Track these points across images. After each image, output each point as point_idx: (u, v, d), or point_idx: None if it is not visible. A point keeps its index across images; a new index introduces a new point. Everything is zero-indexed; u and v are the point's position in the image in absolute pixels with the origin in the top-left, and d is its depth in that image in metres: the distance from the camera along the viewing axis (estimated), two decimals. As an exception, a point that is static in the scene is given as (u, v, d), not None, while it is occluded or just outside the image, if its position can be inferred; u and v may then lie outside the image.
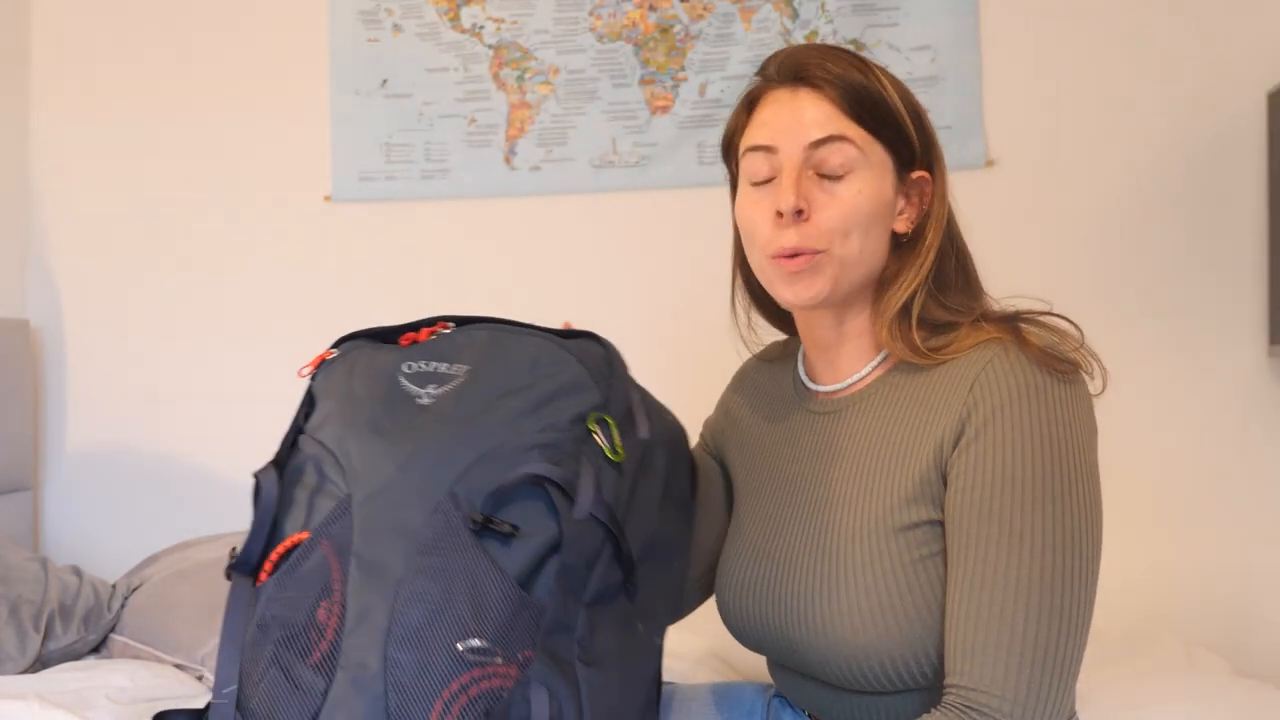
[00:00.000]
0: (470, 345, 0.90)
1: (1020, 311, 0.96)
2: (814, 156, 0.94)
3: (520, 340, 0.90)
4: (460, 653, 0.76)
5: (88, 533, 2.27)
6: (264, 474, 0.88)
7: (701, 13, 2.10)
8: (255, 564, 0.85)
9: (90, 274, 2.29)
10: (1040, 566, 0.84)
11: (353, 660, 0.77)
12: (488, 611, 0.77)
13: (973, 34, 2.02)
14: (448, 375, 0.88)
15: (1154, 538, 1.89)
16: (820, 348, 1.04)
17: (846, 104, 0.94)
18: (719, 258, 2.09)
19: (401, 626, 0.77)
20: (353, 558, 0.80)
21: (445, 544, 0.79)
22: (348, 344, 0.98)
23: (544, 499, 0.81)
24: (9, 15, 2.27)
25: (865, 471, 0.96)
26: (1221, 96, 1.94)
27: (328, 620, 0.79)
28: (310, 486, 0.87)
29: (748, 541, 1.05)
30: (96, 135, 2.29)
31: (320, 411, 0.91)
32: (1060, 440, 0.87)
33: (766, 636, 1.01)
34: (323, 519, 0.83)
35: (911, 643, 0.89)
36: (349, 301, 2.20)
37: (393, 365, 0.90)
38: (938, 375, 0.94)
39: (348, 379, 0.91)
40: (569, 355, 0.89)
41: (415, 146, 2.18)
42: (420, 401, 0.87)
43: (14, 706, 1.28)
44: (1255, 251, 1.93)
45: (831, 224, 0.94)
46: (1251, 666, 1.69)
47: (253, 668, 0.80)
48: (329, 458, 0.87)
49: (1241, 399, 1.92)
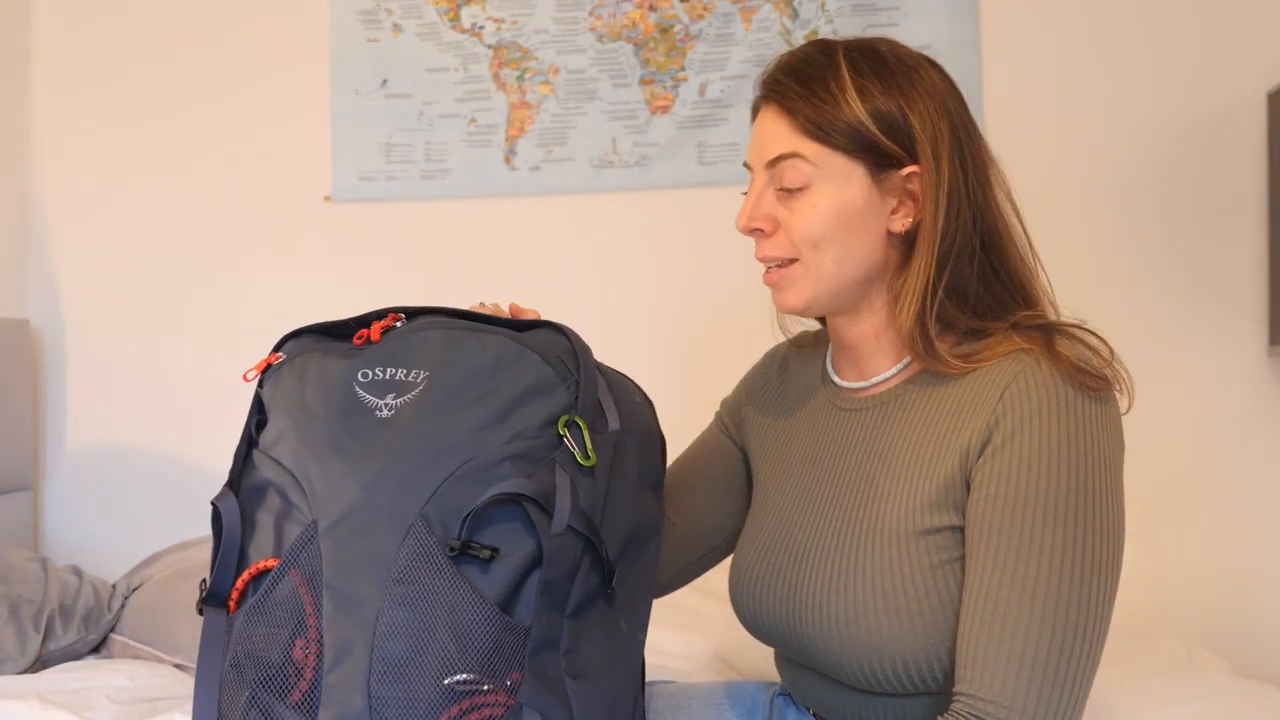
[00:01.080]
0: (426, 348, 0.86)
1: (1052, 323, 0.95)
2: (773, 174, 0.97)
3: (479, 339, 0.86)
4: (446, 686, 0.74)
5: (88, 533, 2.27)
6: (222, 500, 0.85)
7: (701, 13, 2.10)
8: (227, 595, 0.82)
9: (90, 274, 2.29)
10: (1058, 581, 0.84)
11: (335, 699, 0.75)
12: (471, 641, 0.75)
13: (973, 34, 2.02)
14: (406, 383, 0.84)
15: (1154, 538, 1.89)
16: (842, 346, 1.04)
17: (797, 120, 0.95)
18: (719, 257, 2.10)
19: (383, 661, 0.75)
20: (325, 589, 0.77)
21: (421, 571, 0.76)
22: (292, 345, 0.92)
23: (519, 516, 0.78)
24: (9, 16, 2.27)
25: (890, 473, 0.95)
26: (1221, 96, 1.94)
27: (305, 658, 0.77)
28: (275, 510, 0.83)
29: (767, 531, 1.05)
30: (97, 135, 2.29)
31: (274, 426, 0.87)
32: (1087, 456, 0.86)
33: (778, 629, 1.01)
34: (290, 547, 0.80)
35: (926, 646, 0.89)
36: (349, 301, 2.20)
37: (347, 374, 0.85)
38: (967, 382, 0.93)
39: (299, 389, 0.86)
40: (531, 353, 0.85)
41: (415, 146, 2.18)
42: (380, 414, 0.82)
43: (14, 706, 1.28)
44: (1255, 251, 1.93)
45: (794, 237, 0.96)
46: (1251, 666, 1.69)
47: (231, 709, 0.78)
48: (289, 479, 0.83)
49: (1241, 399, 1.92)
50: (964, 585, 0.88)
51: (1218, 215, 1.94)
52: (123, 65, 2.28)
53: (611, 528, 0.84)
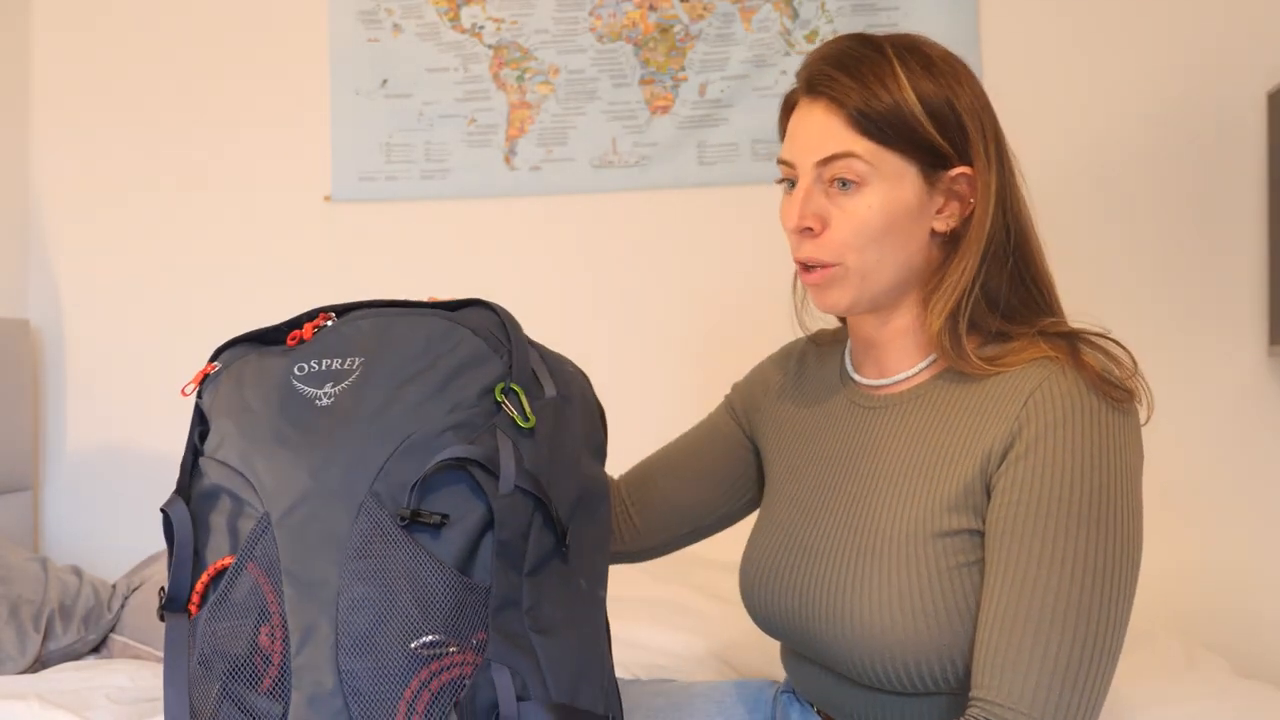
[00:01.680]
0: (359, 335, 0.88)
1: (1077, 331, 0.94)
2: (825, 172, 0.94)
3: (409, 321, 0.88)
4: (414, 650, 0.76)
5: (88, 533, 2.27)
6: (171, 506, 0.86)
7: (701, 13, 2.10)
8: (185, 599, 0.83)
9: (90, 274, 2.29)
10: (1079, 589, 0.84)
11: (306, 679, 0.76)
12: (433, 604, 0.77)
13: (973, 34, 2.02)
14: (342, 371, 0.86)
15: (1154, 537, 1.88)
16: (866, 344, 1.03)
17: (853, 119, 0.92)
18: (719, 257, 2.10)
19: (349, 636, 0.76)
20: (284, 575, 0.78)
21: (376, 545, 0.78)
22: (228, 354, 0.94)
23: (466, 480, 0.80)
24: (9, 16, 2.27)
25: (908, 473, 0.95)
26: (1221, 96, 1.94)
27: (271, 645, 0.78)
28: (226, 511, 0.84)
29: (780, 526, 1.04)
30: (97, 135, 2.29)
31: (216, 432, 0.88)
32: (1109, 466, 0.87)
33: (789, 623, 1.00)
34: (245, 541, 0.81)
35: (940, 647, 0.89)
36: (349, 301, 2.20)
37: (283, 370, 0.87)
38: (990, 386, 0.93)
39: (238, 392, 0.88)
40: (462, 329, 0.87)
41: (415, 146, 2.18)
42: (320, 403, 0.84)
43: (14, 706, 1.28)
44: (1255, 251, 1.93)
45: (844, 238, 0.94)
46: (1251, 666, 1.69)
47: (203, 705, 0.79)
48: (237, 478, 0.84)
49: (1241, 399, 1.92)
50: (983, 589, 0.88)
51: (1218, 215, 1.94)
52: (123, 65, 2.28)
53: (560, 489, 0.86)
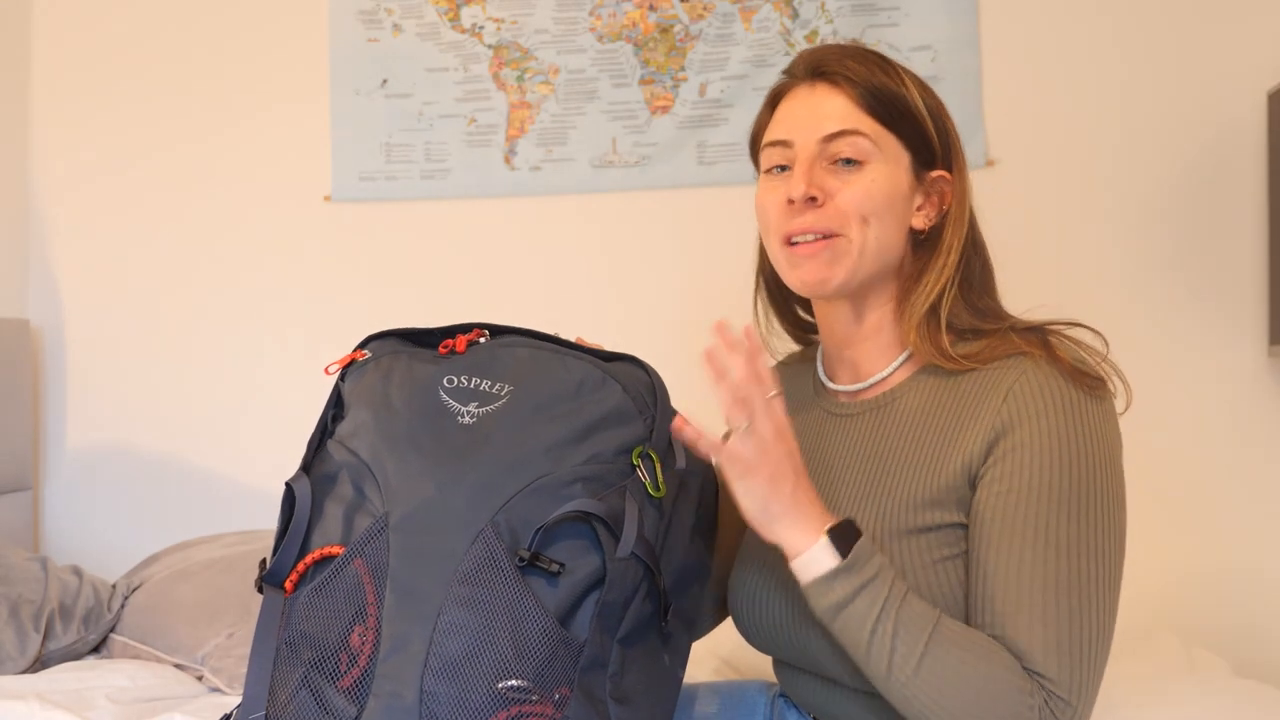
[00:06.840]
0: (513, 362, 0.89)
1: (1046, 323, 0.97)
2: (828, 149, 0.96)
3: (564, 362, 0.89)
4: (499, 690, 0.75)
5: (88, 533, 2.27)
6: (297, 482, 0.86)
7: (701, 13, 2.10)
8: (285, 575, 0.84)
9: (90, 274, 2.29)
10: (1069, 568, 0.86)
11: (386, 689, 0.76)
12: (529, 650, 0.77)
13: (973, 34, 2.02)
14: (490, 394, 0.86)
15: (1153, 537, 1.89)
16: (839, 344, 1.04)
17: (863, 98, 0.96)
18: (719, 257, 2.10)
19: (439, 658, 0.76)
20: (389, 580, 0.79)
21: (486, 575, 0.78)
22: (377, 344, 0.95)
23: (587, 534, 0.80)
24: (9, 15, 2.27)
25: (888, 474, 0.96)
26: (1221, 96, 1.94)
27: (361, 646, 0.78)
28: (345, 500, 0.85)
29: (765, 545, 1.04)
30: (97, 135, 2.29)
31: (352, 419, 0.89)
32: (1091, 454, 0.89)
33: (780, 636, 1.01)
34: (358, 536, 0.82)
35: None
36: (349, 301, 2.20)
37: (433, 378, 0.88)
38: (967, 383, 0.94)
39: (384, 386, 0.89)
40: (614, 381, 0.88)
41: (415, 146, 2.18)
42: (462, 420, 0.85)
43: (14, 706, 1.28)
44: (1255, 251, 1.93)
45: (848, 206, 0.95)
46: (1251, 667, 1.69)
47: (282, 686, 0.79)
48: (364, 471, 0.85)
49: (1241, 399, 1.92)
50: (969, 577, 0.90)
51: (1218, 215, 1.94)
52: (123, 65, 2.28)
53: (667, 562, 0.86)
